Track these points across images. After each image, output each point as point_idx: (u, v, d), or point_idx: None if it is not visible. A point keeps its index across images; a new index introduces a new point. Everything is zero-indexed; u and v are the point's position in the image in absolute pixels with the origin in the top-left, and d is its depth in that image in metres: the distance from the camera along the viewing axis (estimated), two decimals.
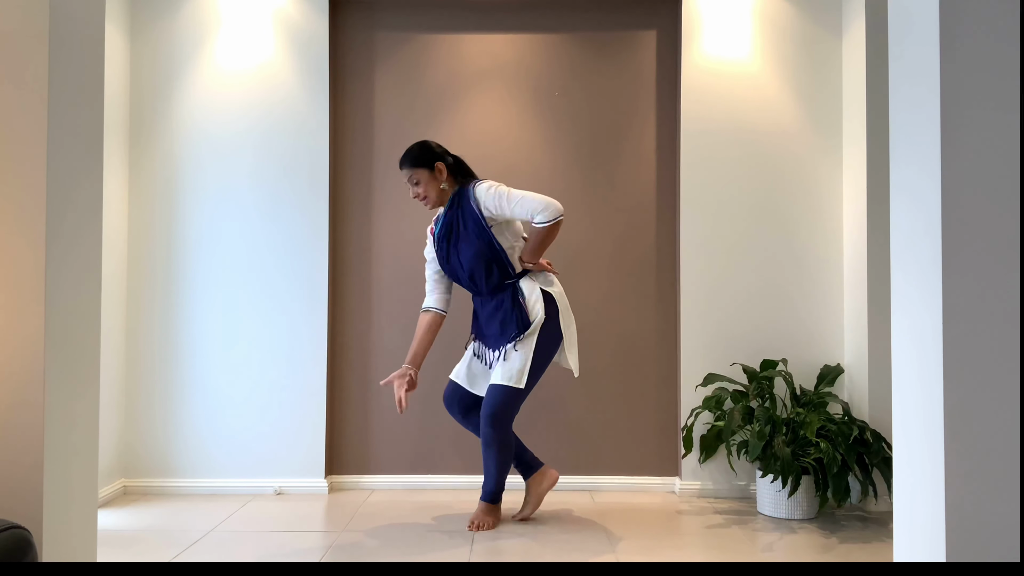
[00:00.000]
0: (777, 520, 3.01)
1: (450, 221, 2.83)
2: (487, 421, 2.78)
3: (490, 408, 2.78)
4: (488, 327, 2.87)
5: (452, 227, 2.83)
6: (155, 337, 3.39)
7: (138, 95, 3.41)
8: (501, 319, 2.81)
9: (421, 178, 2.82)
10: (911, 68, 1.64)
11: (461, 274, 2.85)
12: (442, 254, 2.88)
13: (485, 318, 2.88)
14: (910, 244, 1.64)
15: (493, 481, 2.86)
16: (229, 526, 2.89)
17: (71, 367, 1.69)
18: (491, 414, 2.77)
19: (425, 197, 2.84)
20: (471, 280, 2.84)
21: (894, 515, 1.71)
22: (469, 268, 2.81)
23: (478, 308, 2.93)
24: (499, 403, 2.77)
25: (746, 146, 3.40)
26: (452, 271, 2.88)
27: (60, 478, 1.65)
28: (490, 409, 2.78)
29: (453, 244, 2.83)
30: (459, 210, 2.82)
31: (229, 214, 3.40)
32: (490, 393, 2.80)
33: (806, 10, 3.41)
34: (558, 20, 3.53)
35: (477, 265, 2.79)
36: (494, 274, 2.81)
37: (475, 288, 2.87)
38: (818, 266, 3.39)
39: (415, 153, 2.84)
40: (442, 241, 2.86)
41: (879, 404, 3.13)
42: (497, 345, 2.83)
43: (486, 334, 2.89)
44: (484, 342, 2.91)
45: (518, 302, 2.80)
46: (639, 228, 3.50)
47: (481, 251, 2.78)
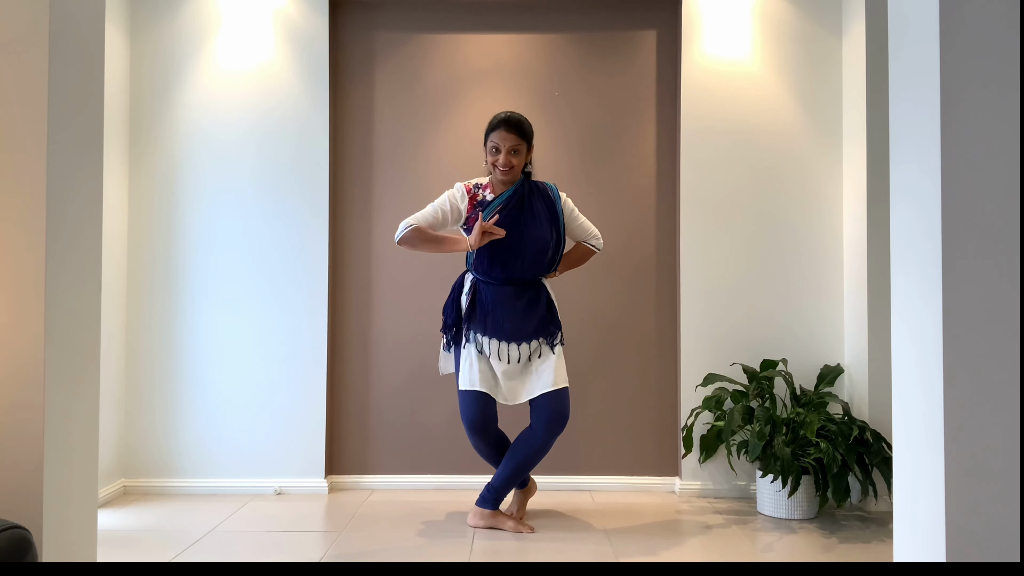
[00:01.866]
0: (777, 520, 3.01)
1: (522, 198, 2.79)
2: (561, 426, 2.74)
3: (566, 412, 2.75)
4: (511, 319, 2.75)
5: (523, 205, 2.78)
6: (155, 337, 3.39)
7: (138, 95, 3.41)
8: (540, 316, 2.78)
9: (522, 150, 2.78)
10: (911, 68, 1.64)
11: (516, 248, 2.75)
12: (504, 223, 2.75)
13: (511, 310, 2.75)
14: (910, 244, 1.64)
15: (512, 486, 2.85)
16: (229, 526, 2.89)
17: (71, 367, 1.69)
18: (566, 417, 2.75)
19: (513, 167, 2.77)
20: (519, 258, 2.75)
21: (894, 515, 1.70)
22: (533, 247, 2.76)
23: (495, 300, 2.77)
24: (568, 404, 2.76)
25: (746, 146, 3.40)
26: (498, 249, 2.75)
27: (60, 478, 1.65)
28: (566, 413, 2.75)
29: (519, 224, 2.75)
30: (534, 195, 2.81)
31: (229, 214, 3.40)
32: (560, 400, 2.73)
33: (806, 10, 3.41)
34: (558, 20, 3.53)
35: (542, 248, 2.77)
36: (544, 264, 2.81)
37: (519, 268, 2.76)
38: (818, 266, 3.39)
39: (526, 126, 2.80)
40: (512, 211, 2.76)
41: (879, 404, 3.13)
42: (521, 340, 2.75)
43: (505, 327, 2.75)
44: (496, 335, 2.75)
45: (552, 302, 2.83)
46: (639, 228, 3.50)
47: (551, 237, 2.79)
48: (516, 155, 2.76)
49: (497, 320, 2.75)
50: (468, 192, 2.81)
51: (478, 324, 2.78)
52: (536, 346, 2.77)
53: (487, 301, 2.78)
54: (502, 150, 2.75)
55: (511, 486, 2.84)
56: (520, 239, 2.75)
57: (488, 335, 2.76)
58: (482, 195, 2.81)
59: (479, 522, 2.85)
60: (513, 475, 2.79)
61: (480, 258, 2.78)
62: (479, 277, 2.83)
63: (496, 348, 2.75)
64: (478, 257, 2.79)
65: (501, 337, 2.75)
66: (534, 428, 2.76)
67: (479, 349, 2.76)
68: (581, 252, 2.98)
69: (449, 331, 2.87)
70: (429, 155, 3.49)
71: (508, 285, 2.79)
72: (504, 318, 2.75)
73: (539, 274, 2.83)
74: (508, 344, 2.75)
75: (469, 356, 2.77)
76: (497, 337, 2.75)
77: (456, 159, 3.47)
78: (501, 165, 2.75)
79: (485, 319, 2.77)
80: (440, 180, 3.47)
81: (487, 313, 2.77)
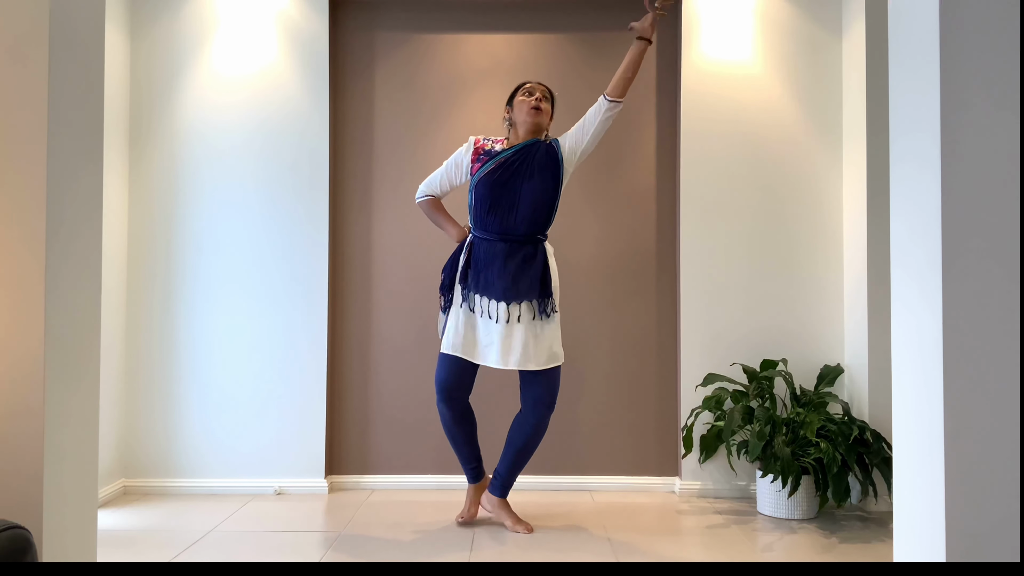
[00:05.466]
0: (777, 520, 3.01)
1: (525, 155, 2.78)
2: (550, 408, 2.75)
3: (552, 394, 2.74)
4: (503, 277, 2.69)
5: (525, 161, 2.77)
6: (155, 337, 3.39)
7: (138, 95, 3.41)
8: (532, 275, 2.71)
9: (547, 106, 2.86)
10: (911, 68, 1.64)
11: (510, 204, 2.74)
12: (498, 178, 2.75)
13: (502, 267, 2.69)
14: (910, 244, 1.64)
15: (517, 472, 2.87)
16: (229, 526, 2.89)
17: (71, 367, 1.69)
18: (553, 400, 2.75)
19: (542, 111, 2.81)
20: (515, 213, 2.73)
21: (894, 515, 1.70)
22: (531, 199, 2.73)
23: (488, 256, 2.73)
24: (557, 385, 2.76)
25: (746, 146, 3.40)
26: (495, 197, 2.74)
27: (60, 478, 1.65)
28: (552, 396, 2.74)
29: (521, 176, 2.75)
30: (539, 152, 2.80)
31: (229, 213, 3.40)
32: (550, 378, 2.74)
33: (806, 10, 3.41)
34: (558, 20, 3.53)
35: (541, 201, 2.75)
36: (540, 220, 2.76)
37: (514, 220, 2.73)
38: (818, 266, 3.39)
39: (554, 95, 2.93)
40: (507, 166, 2.76)
41: (879, 404, 3.13)
42: (511, 299, 2.68)
43: (496, 284, 2.69)
44: (487, 293, 2.71)
45: (548, 264, 2.76)
46: (639, 228, 3.50)
47: (546, 187, 2.76)
48: (548, 102, 2.86)
49: (489, 277, 2.71)
50: (476, 144, 2.86)
51: (472, 282, 2.74)
52: (529, 309, 2.71)
53: (480, 258, 2.74)
54: (535, 92, 2.84)
55: (515, 473, 2.87)
56: (518, 192, 2.75)
57: (480, 292, 2.73)
58: (491, 146, 2.84)
59: (485, 505, 2.91)
60: (515, 461, 2.84)
61: (478, 211, 2.78)
62: (476, 233, 2.80)
63: (487, 307, 2.72)
64: (476, 210, 2.78)
65: (491, 295, 2.70)
66: (524, 412, 2.80)
67: (471, 307, 2.74)
68: (627, 60, 2.79)
69: (446, 292, 2.84)
70: (429, 155, 3.49)
71: (503, 241, 2.74)
72: (496, 276, 2.70)
73: (535, 230, 2.76)
74: (499, 303, 2.70)
75: (456, 319, 2.75)
76: (487, 295, 2.71)
77: None
78: (534, 103, 2.81)
79: (478, 276, 2.73)
80: None
81: (479, 271, 2.73)
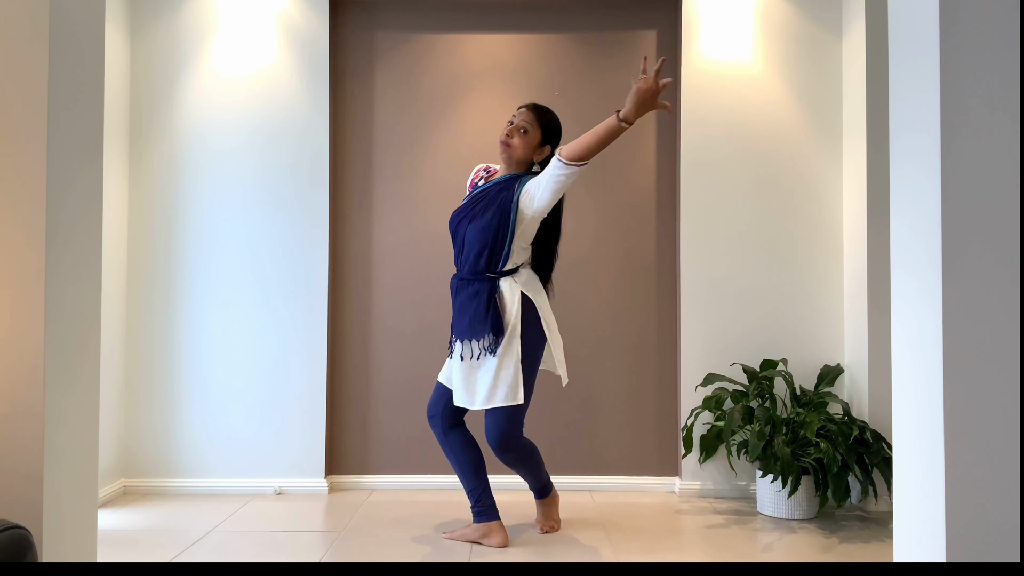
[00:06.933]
0: (777, 520, 3.01)
1: (497, 190, 2.67)
2: (499, 448, 2.60)
3: (497, 434, 2.58)
4: (460, 316, 2.66)
5: (487, 195, 2.68)
6: (155, 337, 3.39)
7: (138, 95, 3.41)
8: (472, 313, 2.60)
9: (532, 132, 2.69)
10: (911, 68, 1.64)
11: (462, 242, 2.69)
12: (459, 214, 2.73)
13: (458, 306, 2.68)
14: (910, 244, 1.64)
15: (537, 480, 2.79)
16: (229, 526, 2.89)
17: (71, 367, 1.69)
18: (500, 441, 2.58)
19: (511, 146, 2.67)
20: (462, 249, 2.69)
21: (894, 515, 1.70)
22: (471, 237, 2.64)
23: (453, 293, 2.73)
24: (504, 427, 2.58)
25: (746, 146, 3.40)
26: (454, 233, 2.74)
27: (60, 478, 1.65)
28: (497, 435, 2.58)
29: (476, 209, 2.67)
30: (503, 187, 2.67)
31: (229, 214, 3.40)
32: (492, 418, 2.58)
33: (806, 10, 3.41)
34: (558, 20, 3.53)
35: (477, 238, 2.62)
36: (483, 258, 2.62)
37: (461, 261, 2.70)
38: (818, 266, 3.39)
39: (547, 114, 2.74)
40: (474, 202, 2.70)
41: (879, 404, 3.13)
42: (463, 337, 2.62)
43: (456, 324, 2.68)
44: (453, 332, 2.70)
45: (494, 301, 2.59)
46: (639, 229, 3.50)
47: (489, 226, 2.60)
48: (523, 135, 2.68)
49: (454, 316, 2.71)
50: (477, 175, 2.83)
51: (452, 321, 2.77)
52: (479, 348, 2.60)
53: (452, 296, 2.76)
54: (515, 121, 2.71)
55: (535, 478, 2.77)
56: (465, 228, 2.68)
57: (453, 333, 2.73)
58: (479, 178, 2.81)
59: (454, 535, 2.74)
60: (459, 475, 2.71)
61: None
62: None
63: (452, 344, 2.71)
64: None
65: (453, 332, 2.71)
66: None
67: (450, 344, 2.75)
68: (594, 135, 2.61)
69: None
70: (429, 155, 3.49)
71: (458, 278, 2.72)
72: (457, 312, 2.69)
73: (483, 268, 2.63)
74: (458, 341, 2.66)
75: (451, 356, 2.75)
76: (453, 333, 2.71)
77: (456, 158, 3.46)
78: (502, 135, 2.70)
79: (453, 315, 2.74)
80: (440, 180, 3.48)
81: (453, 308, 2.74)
